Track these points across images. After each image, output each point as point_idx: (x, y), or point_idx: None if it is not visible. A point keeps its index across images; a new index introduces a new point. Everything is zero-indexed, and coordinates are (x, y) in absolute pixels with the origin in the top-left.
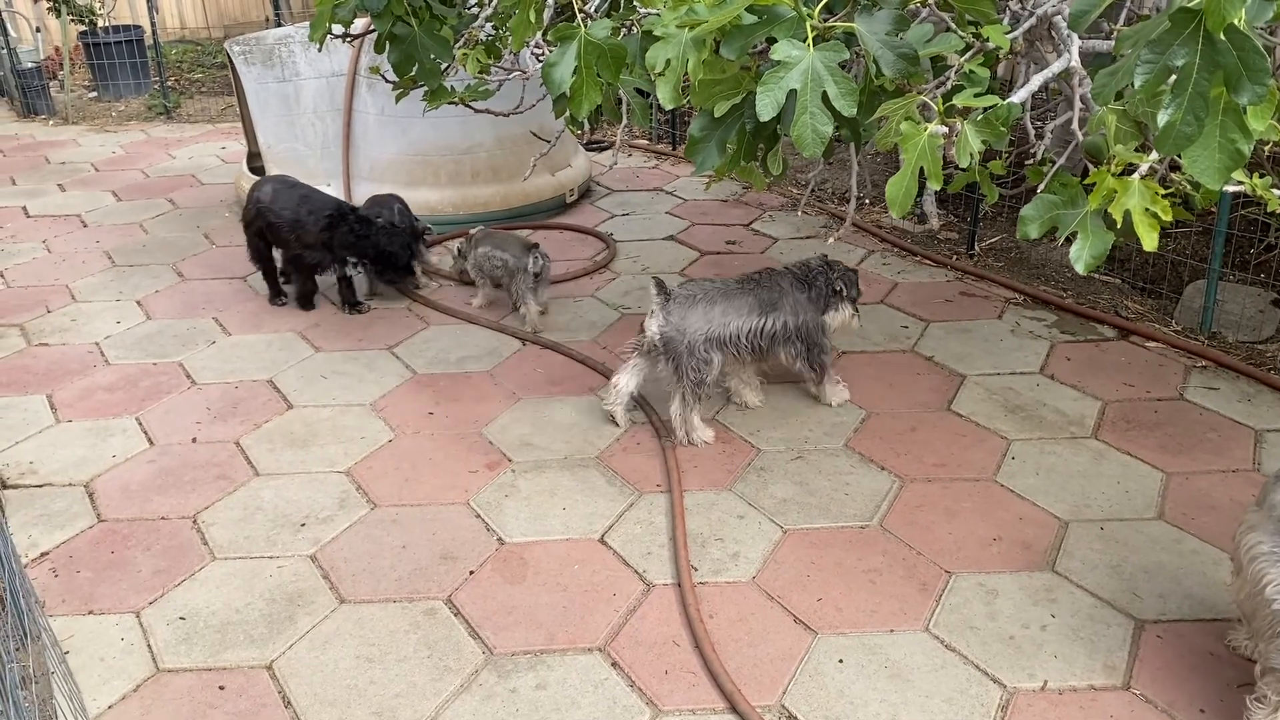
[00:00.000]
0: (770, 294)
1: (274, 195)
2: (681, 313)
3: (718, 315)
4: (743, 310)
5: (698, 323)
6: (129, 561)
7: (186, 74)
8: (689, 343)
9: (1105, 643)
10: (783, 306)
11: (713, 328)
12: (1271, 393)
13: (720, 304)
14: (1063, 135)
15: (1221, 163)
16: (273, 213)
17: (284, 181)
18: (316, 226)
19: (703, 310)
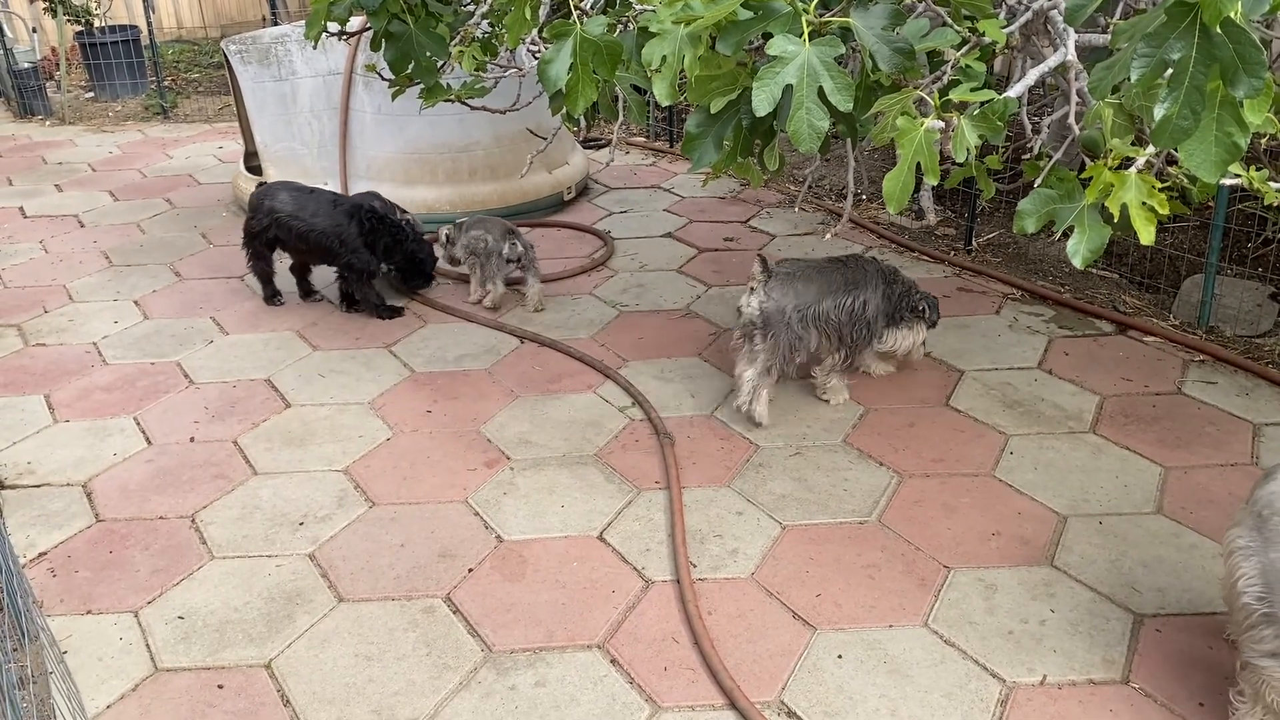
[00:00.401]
0: (856, 274)
1: (296, 204)
2: (782, 289)
3: (813, 292)
4: (833, 286)
5: (795, 299)
6: (127, 561)
7: (183, 74)
8: (788, 319)
9: (1104, 637)
10: (866, 286)
11: (807, 303)
12: (1269, 386)
13: (817, 281)
14: (1059, 130)
15: (1218, 156)
16: (301, 221)
17: (297, 188)
18: (357, 230)
19: (800, 288)
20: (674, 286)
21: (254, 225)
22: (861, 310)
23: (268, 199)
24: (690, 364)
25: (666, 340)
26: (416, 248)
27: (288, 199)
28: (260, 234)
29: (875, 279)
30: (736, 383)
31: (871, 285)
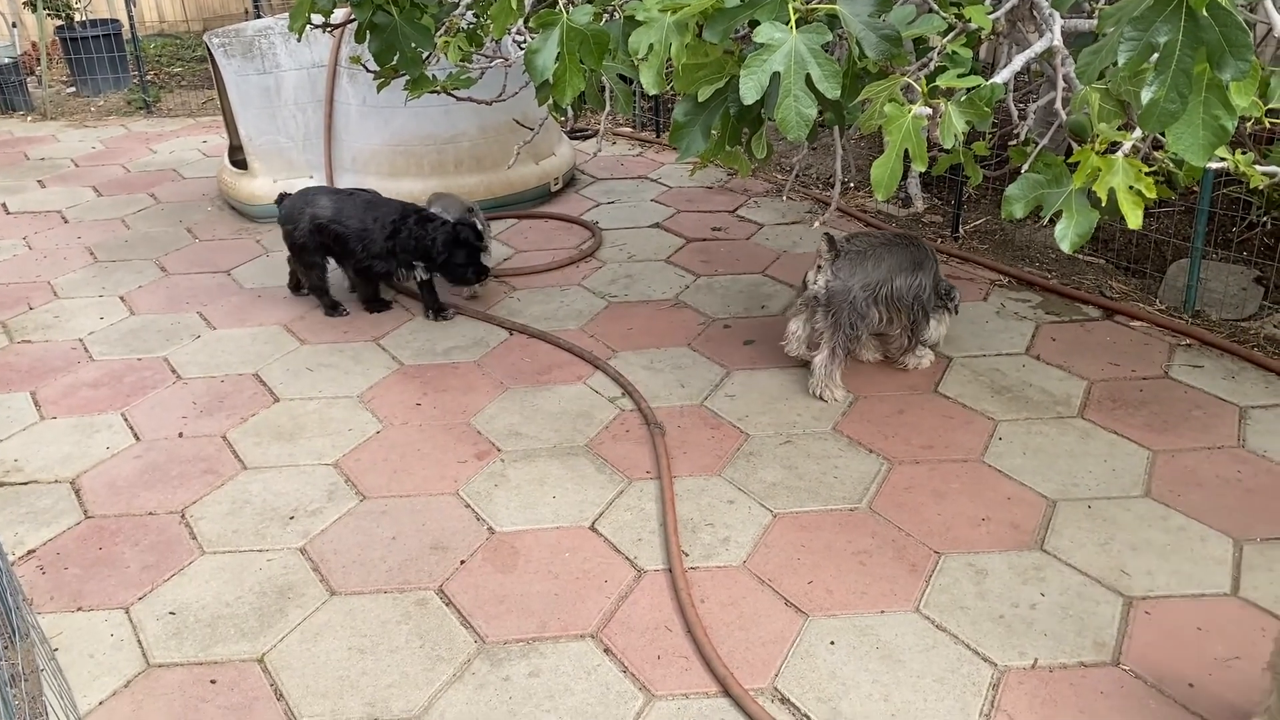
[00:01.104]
0: (919, 254)
1: (336, 208)
2: (850, 268)
3: (882, 271)
4: (901, 266)
5: (863, 277)
6: (117, 558)
7: (166, 68)
8: (852, 297)
9: (1094, 620)
10: (926, 267)
11: (872, 280)
12: (1255, 370)
13: (887, 260)
14: (1045, 115)
15: (1206, 139)
16: (339, 224)
17: (334, 191)
18: (383, 234)
19: (870, 266)
20: (662, 277)
21: (296, 233)
22: (923, 289)
23: (309, 205)
24: (680, 354)
25: (656, 330)
26: (453, 250)
27: (328, 204)
28: (304, 242)
29: (931, 261)
30: (810, 369)
31: (929, 267)
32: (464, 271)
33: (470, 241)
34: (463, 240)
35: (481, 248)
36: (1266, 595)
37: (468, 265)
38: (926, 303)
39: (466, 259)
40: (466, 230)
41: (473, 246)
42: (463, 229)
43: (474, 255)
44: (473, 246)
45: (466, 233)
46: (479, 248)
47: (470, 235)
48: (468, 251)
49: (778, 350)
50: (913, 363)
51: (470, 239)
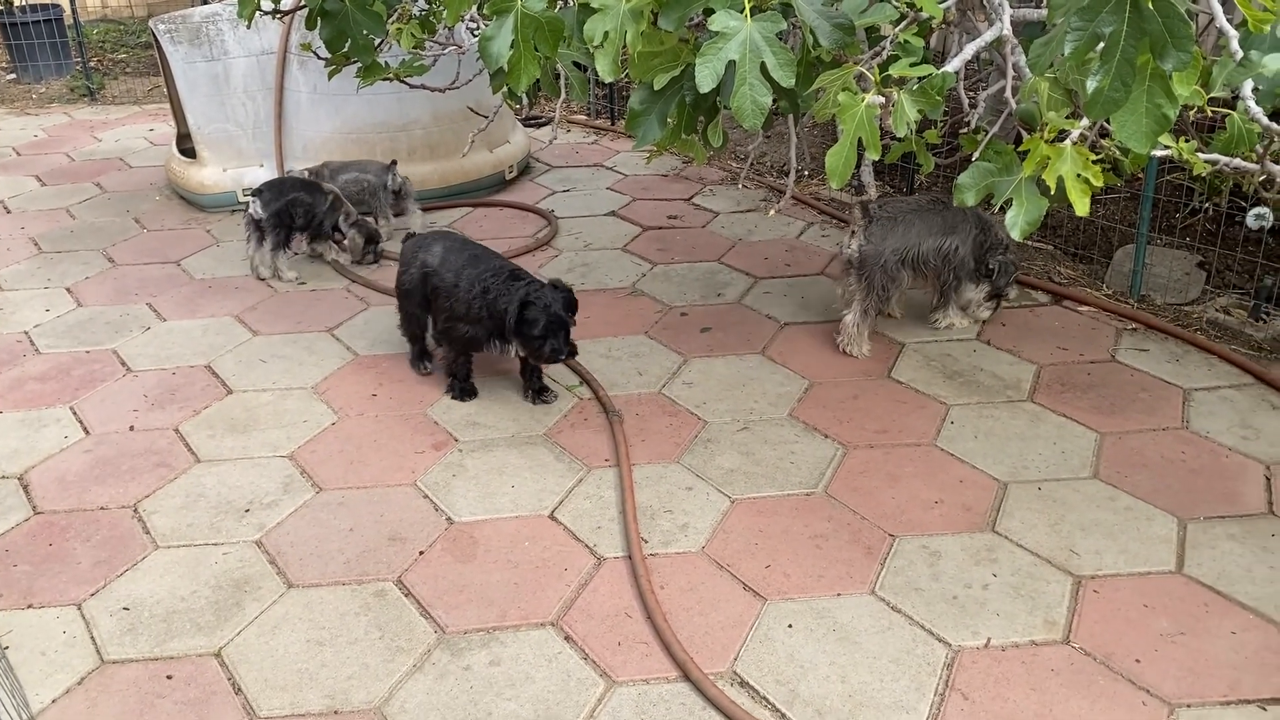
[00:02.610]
0: (954, 217)
1: (444, 257)
2: (883, 233)
3: (913, 236)
4: (932, 229)
5: (894, 241)
6: (68, 553)
7: (110, 54)
8: (884, 261)
9: (1045, 599)
10: (960, 231)
11: (906, 245)
12: (1198, 353)
13: (917, 224)
14: (996, 104)
15: (1149, 127)
16: (438, 276)
17: (453, 240)
18: (469, 293)
19: (901, 231)
20: (619, 265)
21: (405, 280)
22: (953, 252)
23: (423, 251)
24: (637, 342)
25: (613, 319)
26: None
27: (439, 250)
28: (409, 290)
29: (970, 225)
30: (840, 326)
31: (964, 231)
32: (540, 345)
33: (552, 309)
34: (543, 305)
35: (569, 320)
36: (1209, 572)
37: (545, 338)
38: (958, 267)
39: (545, 330)
40: (550, 294)
41: (555, 316)
42: (544, 293)
43: (555, 325)
44: (555, 316)
45: (549, 296)
46: (563, 319)
47: (554, 301)
48: (548, 321)
49: (735, 337)
50: (943, 321)
51: (552, 305)
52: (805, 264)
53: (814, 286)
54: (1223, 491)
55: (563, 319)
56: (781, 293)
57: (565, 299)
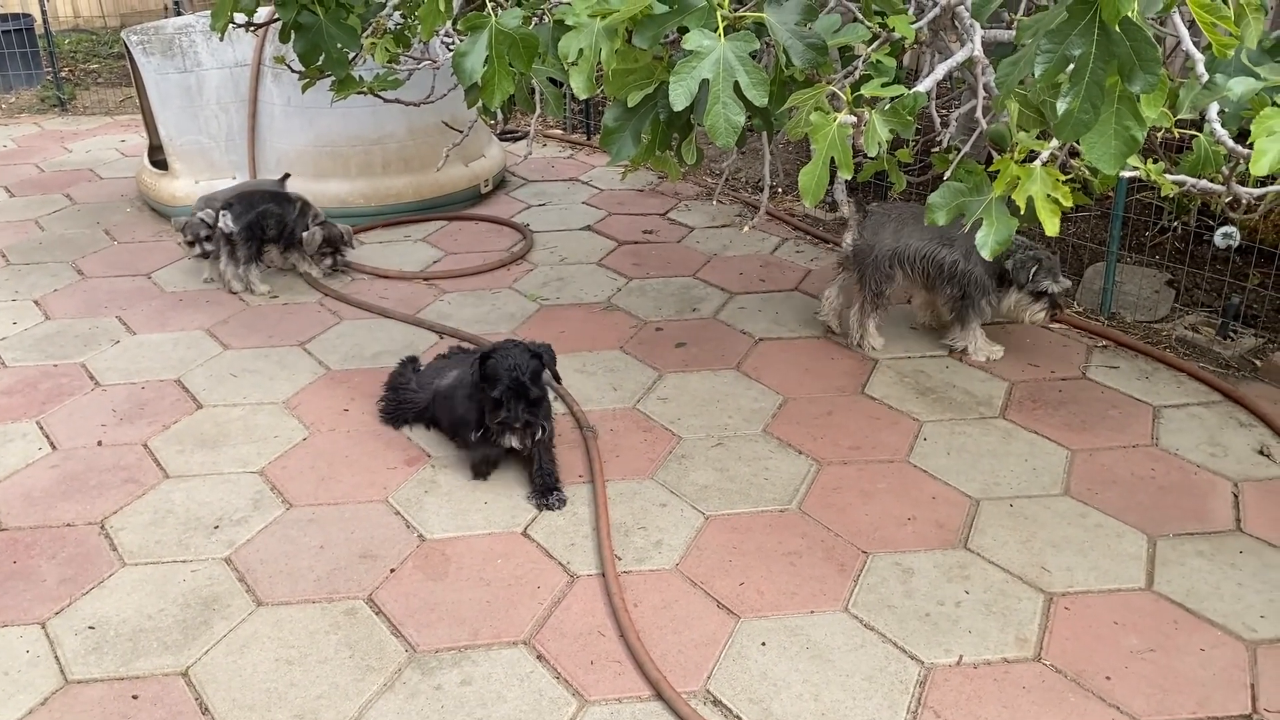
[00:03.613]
0: (954, 229)
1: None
2: (874, 229)
3: (904, 235)
4: (925, 235)
5: (886, 239)
6: (32, 571)
7: (81, 64)
8: (875, 256)
9: (1017, 616)
10: (959, 245)
11: (898, 245)
12: (1168, 370)
13: (910, 226)
14: (967, 123)
15: (1117, 149)
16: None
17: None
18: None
19: (893, 229)
20: (594, 279)
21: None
22: (950, 267)
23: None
24: (612, 357)
25: (588, 333)
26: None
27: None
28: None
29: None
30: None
31: (964, 244)
32: (495, 408)
33: (514, 372)
34: (507, 366)
35: (535, 393)
36: (1179, 589)
37: (499, 403)
38: (968, 284)
39: (502, 393)
40: (518, 355)
41: (515, 381)
42: (513, 353)
43: (514, 391)
44: (515, 381)
45: (516, 357)
46: (525, 386)
47: (521, 364)
48: (507, 384)
49: (710, 353)
50: (958, 344)
51: (516, 368)
52: (779, 279)
53: (788, 302)
54: (1192, 508)
55: (524, 385)
56: (756, 308)
57: (534, 365)
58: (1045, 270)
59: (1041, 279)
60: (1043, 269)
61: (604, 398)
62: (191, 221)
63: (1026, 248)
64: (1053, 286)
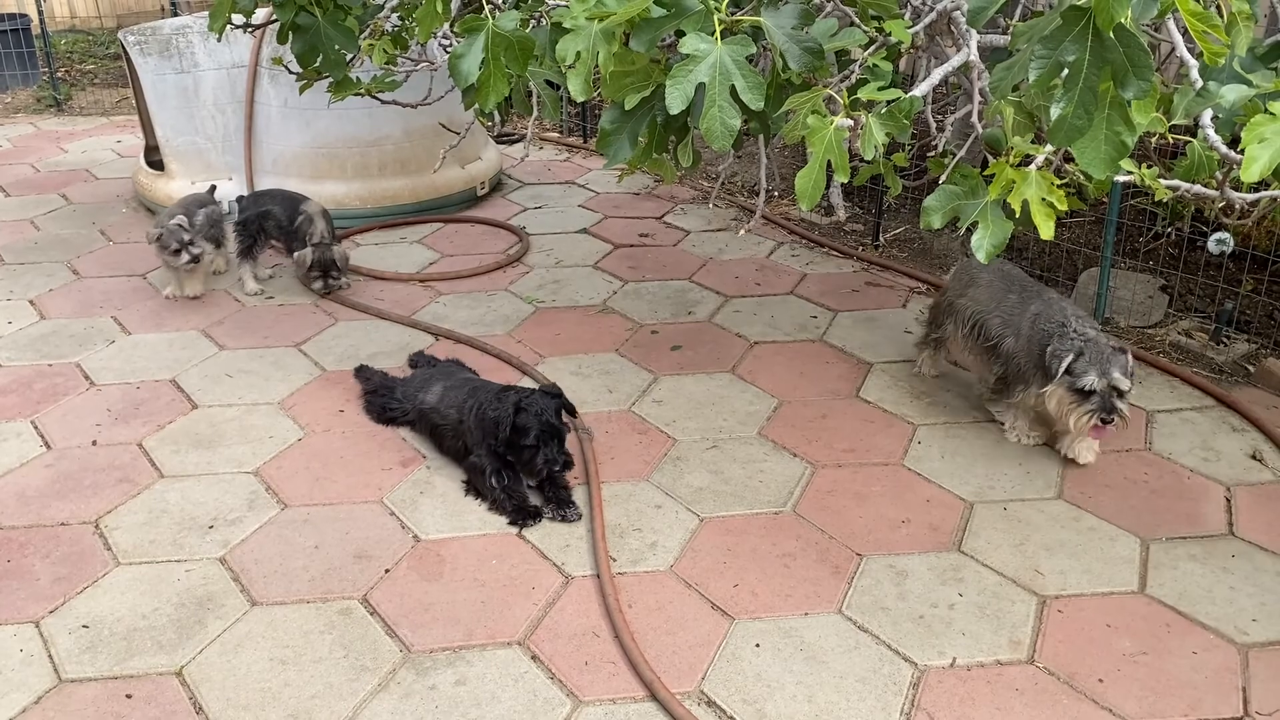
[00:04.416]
0: (1020, 305)
1: (441, 395)
2: (956, 275)
3: (971, 292)
4: (989, 300)
5: (953, 288)
6: (26, 570)
7: (78, 65)
8: (939, 301)
9: (1010, 619)
10: (1014, 324)
11: (958, 299)
12: (1161, 375)
13: (982, 287)
14: (962, 128)
15: (1108, 154)
16: (437, 414)
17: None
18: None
19: (964, 282)
20: (590, 282)
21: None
22: (999, 340)
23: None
24: (607, 359)
25: (583, 336)
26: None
27: (438, 390)
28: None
29: (1033, 322)
30: None
31: (1022, 326)
32: (533, 457)
33: (544, 416)
34: (535, 411)
35: (561, 426)
36: (1171, 592)
37: (536, 447)
38: (1008, 363)
39: (537, 439)
40: (542, 401)
41: (547, 424)
42: (535, 399)
43: (548, 433)
44: (547, 424)
45: (541, 403)
46: (556, 427)
47: (546, 408)
48: (540, 429)
49: (705, 356)
50: (997, 415)
51: (544, 412)
52: (775, 283)
53: (783, 306)
54: (1184, 512)
55: (556, 427)
56: (751, 311)
57: (558, 405)
58: (1090, 361)
59: (1083, 372)
60: (1086, 359)
61: (599, 400)
62: (169, 228)
63: (1075, 332)
64: (1096, 382)
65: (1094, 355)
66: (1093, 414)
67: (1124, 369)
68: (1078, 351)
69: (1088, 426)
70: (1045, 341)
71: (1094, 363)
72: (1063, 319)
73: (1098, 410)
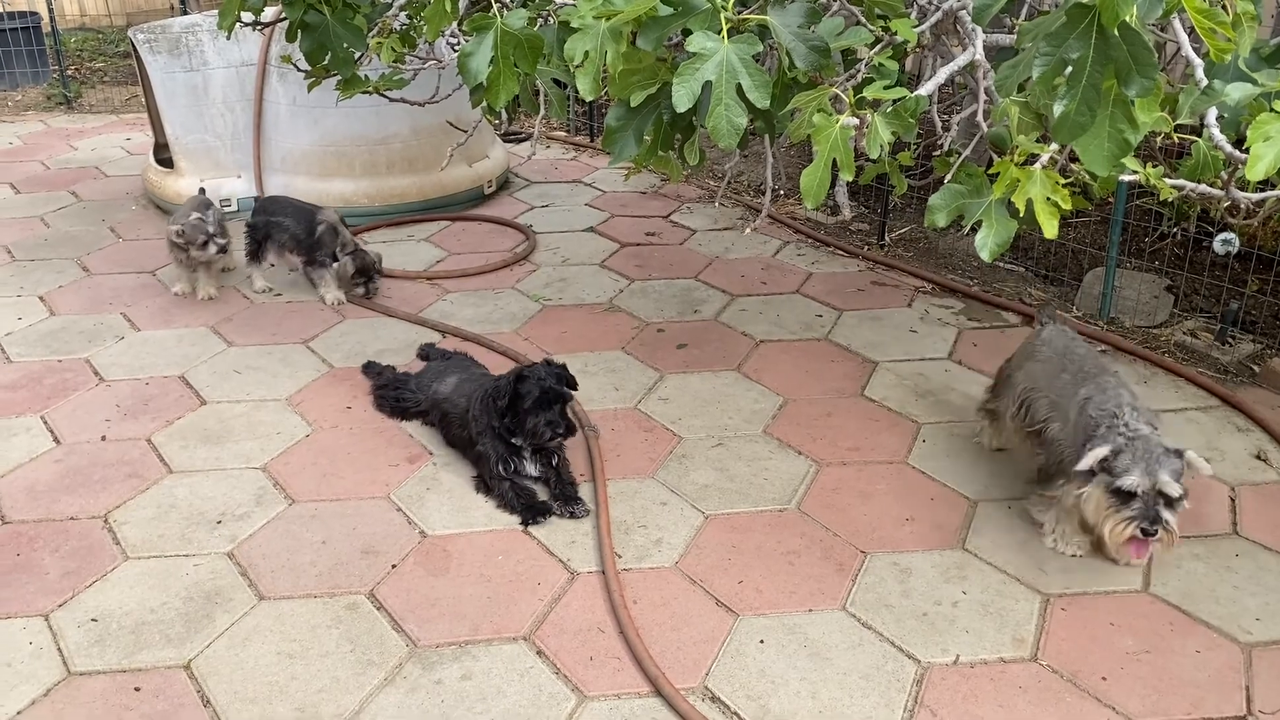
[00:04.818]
0: (1072, 386)
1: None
2: (1023, 359)
3: (1027, 365)
4: (1043, 379)
5: (1015, 359)
6: (36, 564)
7: (87, 63)
8: (1002, 366)
9: (1014, 617)
10: (1062, 407)
11: (1012, 369)
12: (1166, 375)
13: (1039, 362)
14: (968, 127)
15: (1110, 152)
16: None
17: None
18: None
19: (1026, 354)
20: (596, 281)
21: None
22: (1046, 423)
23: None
24: (614, 357)
25: (590, 334)
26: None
27: (453, 380)
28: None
29: (1079, 403)
30: None
31: (1070, 411)
32: (535, 422)
33: (545, 382)
34: (536, 378)
35: (563, 393)
36: (1174, 591)
37: (537, 412)
38: (1050, 451)
39: (537, 404)
40: (544, 369)
41: (549, 389)
42: (537, 368)
43: (550, 398)
44: (549, 389)
45: (542, 371)
46: (559, 392)
47: (547, 375)
48: (541, 394)
49: (711, 354)
50: (1035, 515)
51: (546, 378)
52: (780, 282)
53: (789, 304)
54: (1189, 512)
55: (559, 392)
56: (757, 310)
57: (559, 373)
58: (1134, 459)
59: (1125, 471)
60: (1131, 456)
61: (605, 397)
62: (191, 224)
63: (1125, 425)
64: (1139, 483)
65: (1139, 451)
66: (1133, 522)
67: (1175, 473)
68: (1118, 448)
69: (1124, 537)
70: (1092, 431)
71: (1139, 460)
72: (1116, 408)
73: (1138, 519)
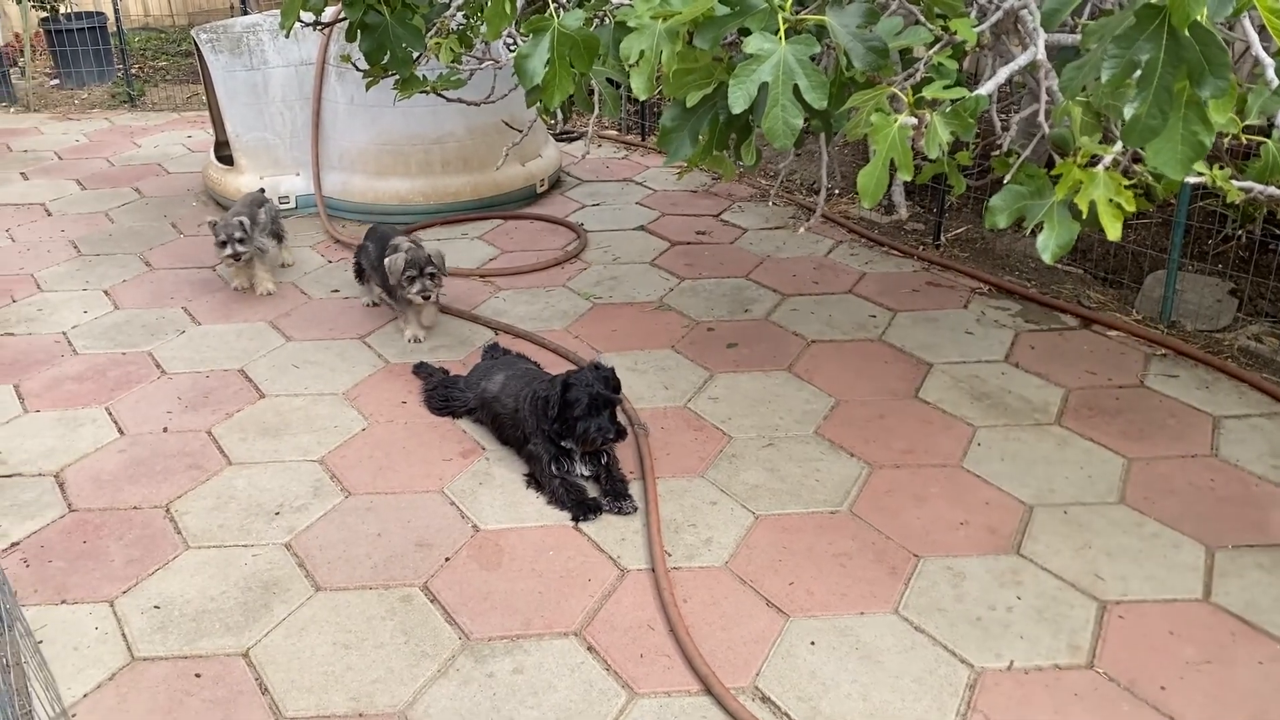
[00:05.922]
0: None
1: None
2: None
3: None
4: None
5: None
6: (101, 551)
7: (151, 62)
8: None
9: (1069, 623)
10: None
11: None
12: (1228, 380)
13: None
14: (1028, 127)
15: (1184, 154)
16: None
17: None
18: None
19: None
20: (647, 279)
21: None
22: None
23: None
24: (664, 356)
25: (640, 332)
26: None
27: (500, 378)
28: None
29: None
30: None
31: None
32: (586, 428)
33: (594, 388)
34: (584, 384)
35: (612, 398)
36: (1237, 601)
37: (587, 418)
38: None
39: (587, 409)
40: (590, 374)
41: (598, 395)
42: (584, 374)
43: (599, 404)
44: (598, 395)
45: (589, 376)
46: (608, 398)
47: (595, 380)
48: (590, 400)
49: (761, 354)
50: None
51: (594, 384)
52: (833, 282)
53: (841, 304)
54: (1252, 520)
55: (607, 397)
56: (809, 310)
57: (607, 378)
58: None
59: None
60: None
61: (655, 396)
62: (223, 222)
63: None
64: None
65: None
66: None
67: None
68: None
69: None
70: None
71: None
72: None
73: None
